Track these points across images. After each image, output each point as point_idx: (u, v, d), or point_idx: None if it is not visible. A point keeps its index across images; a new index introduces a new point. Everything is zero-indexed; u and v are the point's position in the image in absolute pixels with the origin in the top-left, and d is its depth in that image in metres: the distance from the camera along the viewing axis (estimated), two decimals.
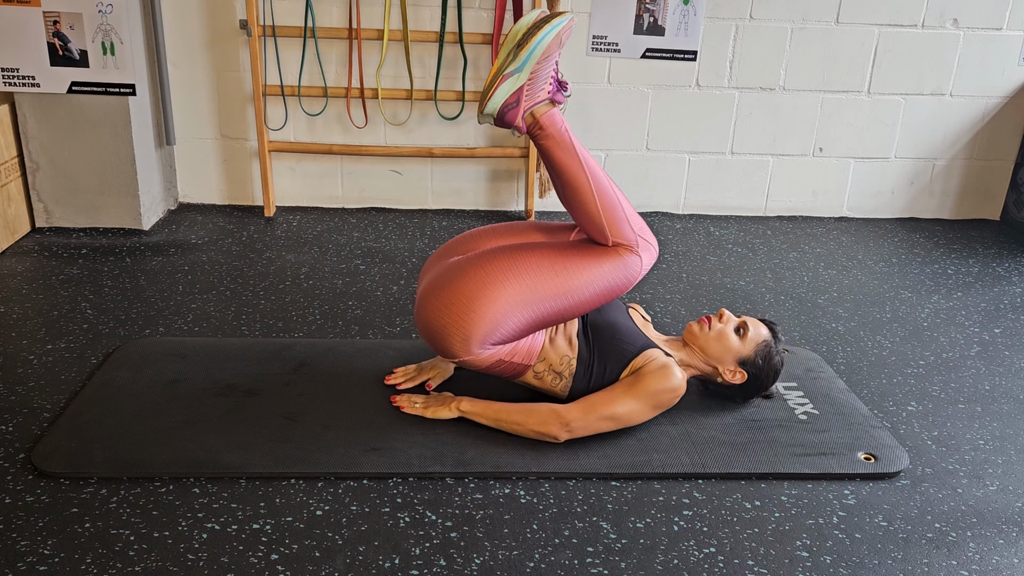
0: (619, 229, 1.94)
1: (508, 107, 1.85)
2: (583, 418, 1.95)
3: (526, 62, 1.82)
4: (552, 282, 1.90)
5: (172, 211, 3.45)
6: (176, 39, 3.27)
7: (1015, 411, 2.28)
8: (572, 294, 1.92)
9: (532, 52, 1.81)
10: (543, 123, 1.89)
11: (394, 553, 1.65)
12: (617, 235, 1.94)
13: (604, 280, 1.93)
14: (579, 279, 1.92)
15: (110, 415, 2.01)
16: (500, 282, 1.88)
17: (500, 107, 1.85)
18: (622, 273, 1.95)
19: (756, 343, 2.09)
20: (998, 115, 3.65)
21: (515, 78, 1.83)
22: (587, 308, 1.96)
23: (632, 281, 1.98)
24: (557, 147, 1.90)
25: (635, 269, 1.97)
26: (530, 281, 1.89)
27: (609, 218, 1.93)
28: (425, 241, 3.25)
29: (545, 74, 1.87)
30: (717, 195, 3.70)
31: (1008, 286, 3.11)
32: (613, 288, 1.96)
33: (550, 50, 1.83)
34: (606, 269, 1.93)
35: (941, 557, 1.72)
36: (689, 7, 3.36)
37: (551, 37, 1.82)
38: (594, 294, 1.94)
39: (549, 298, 1.90)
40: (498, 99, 1.84)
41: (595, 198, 1.91)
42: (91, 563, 1.59)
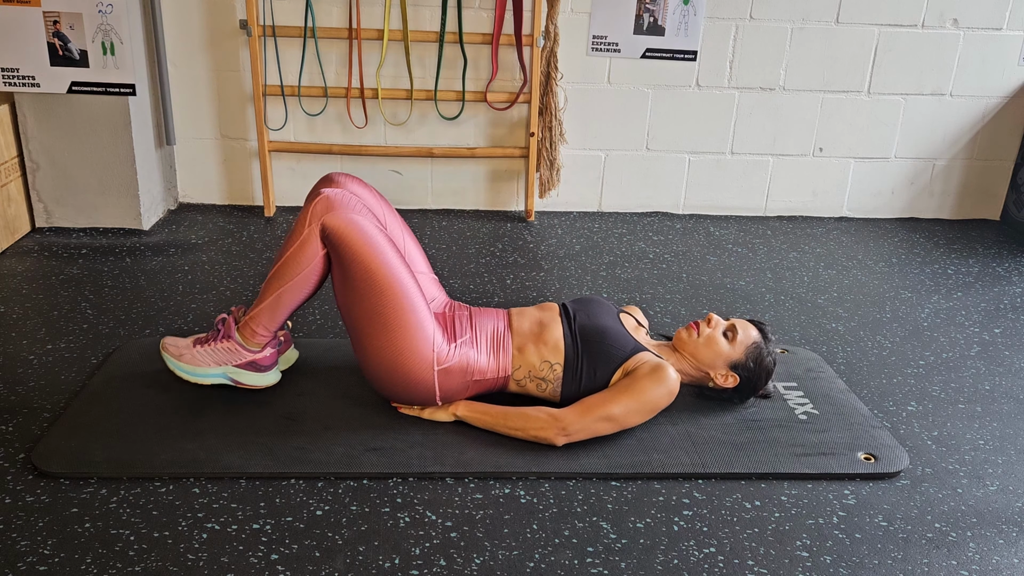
0: (420, 359, 1.96)
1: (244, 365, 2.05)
2: (580, 421, 1.95)
3: (192, 374, 2.06)
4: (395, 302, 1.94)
5: (172, 211, 3.45)
6: (176, 39, 3.27)
7: (1015, 411, 2.28)
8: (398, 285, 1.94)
9: (184, 372, 2.06)
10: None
11: (394, 553, 1.65)
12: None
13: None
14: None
15: (110, 415, 2.01)
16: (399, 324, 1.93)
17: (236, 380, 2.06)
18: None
19: (746, 346, 2.09)
20: (998, 115, 3.65)
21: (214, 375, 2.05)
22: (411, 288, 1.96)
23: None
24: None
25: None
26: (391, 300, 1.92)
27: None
28: (425, 241, 3.25)
29: (220, 357, 2.05)
30: (717, 195, 3.70)
31: (1008, 286, 3.11)
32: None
33: (195, 361, 2.05)
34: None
35: (941, 557, 1.72)
36: (689, 7, 3.36)
37: (171, 366, 2.07)
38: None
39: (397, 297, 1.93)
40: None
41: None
42: (91, 563, 1.59)
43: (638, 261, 3.17)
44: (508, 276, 2.97)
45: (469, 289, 2.85)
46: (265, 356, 2.05)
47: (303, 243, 1.95)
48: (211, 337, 2.05)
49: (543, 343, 2.03)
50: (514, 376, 2.03)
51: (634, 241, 3.37)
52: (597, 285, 2.94)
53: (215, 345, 2.04)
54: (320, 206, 1.94)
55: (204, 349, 2.04)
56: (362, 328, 1.94)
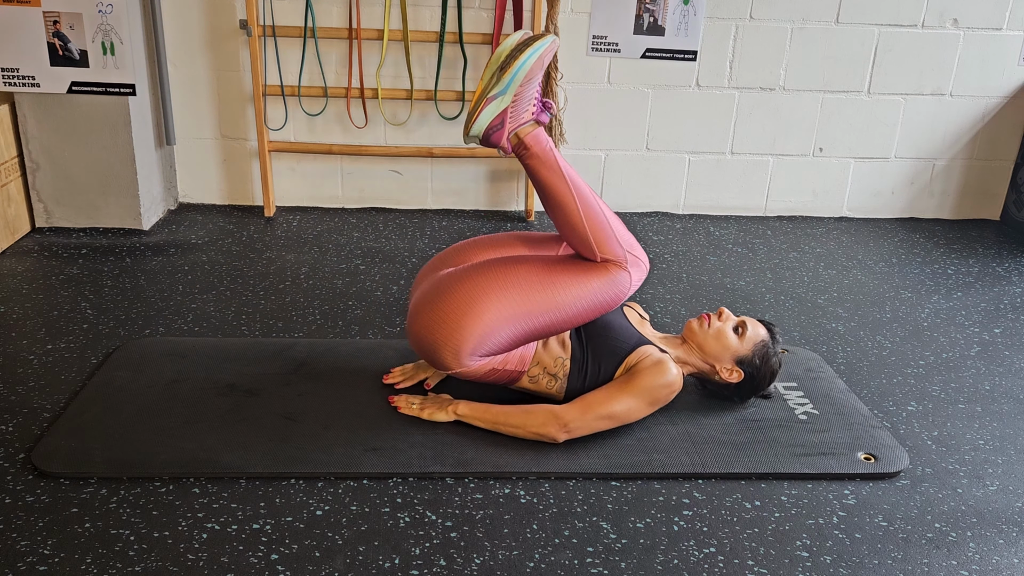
0: (607, 246, 1.95)
1: (493, 129, 1.88)
2: (581, 418, 1.95)
3: (509, 84, 1.84)
4: (541, 296, 1.92)
5: (172, 211, 3.45)
6: (176, 39, 3.27)
7: (1015, 411, 2.28)
8: (560, 309, 1.93)
9: (515, 74, 1.84)
10: (528, 143, 1.91)
11: (394, 553, 1.65)
12: (605, 251, 1.95)
13: (592, 296, 1.95)
14: (568, 294, 1.93)
15: (110, 415, 2.01)
16: (489, 297, 1.90)
17: (485, 129, 1.88)
18: (611, 289, 1.96)
19: (754, 343, 2.09)
20: (998, 115, 3.65)
21: (499, 100, 1.86)
22: (575, 323, 1.97)
23: (621, 297, 1.99)
24: (542, 166, 1.92)
25: (624, 285, 1.98)
26: (519, 296, 1.91)
27: (597, 235, 1.94)
28: (425, 241, 3.25)
29: (529, 95, 1.90)
30: (717, 195, 3.70)
31: (1008, 286, 3.11)
32: (602, 304, 1.97)
33: (533, 72, 1.86)
34: (594, 285, 1.94)
35: (941, 557, 1.72)
36: (689, 7, 3.36)
37: (534, 59, 1.84)
38: (582, 309, 1.95)
39: (538, 313, 1.92)
40: (483, 121, 1.87)
41: (582, 216, 1.93)
42: (91, 563, 1.59)
43: None
44: None
45: None
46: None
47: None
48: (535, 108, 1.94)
49: (558, 339, 2.05)
50: (529, 372, 2.03)
51: None
52: None
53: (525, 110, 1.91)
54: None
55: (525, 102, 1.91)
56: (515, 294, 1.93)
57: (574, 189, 1.93)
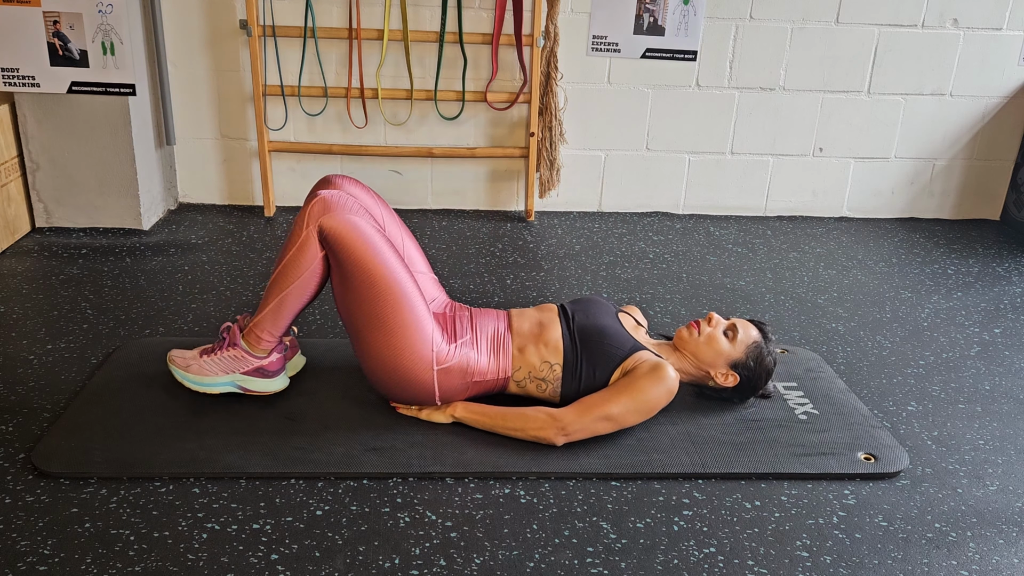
0: (419, 362, 1.96)
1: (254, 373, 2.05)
2: (579, 420, 1.95)
3: (201, 384, 2.06)
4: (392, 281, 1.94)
5: (172, 211, 3.45)
6: (176, 39, 3.27)
7: (1015, 411, 2.28)
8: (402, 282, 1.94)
9: (188, 381, 2.06)
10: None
11: (394, 553, 1.65)
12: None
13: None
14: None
15: (110, 415, 2.01)
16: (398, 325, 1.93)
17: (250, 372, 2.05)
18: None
19: (746, 345, 2.09)
20: (998, 115, 3.65)
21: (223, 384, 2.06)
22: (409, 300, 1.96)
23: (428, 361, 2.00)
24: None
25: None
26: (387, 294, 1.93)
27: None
28: (425, 241, 3.25)
29: (221, 363, 2.05)
30: (717, 195, 3.70)
31: (1008, 286, 3.11)
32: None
33: (203, 371, 2.05)
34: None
35: (941, 557, 1.72)
36: (689, 7, 3.36)
37: (179, 378, 2.07)
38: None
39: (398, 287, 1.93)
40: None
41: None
42: (91, 563, 1.59)
43: (638, 261, 3.17)
44: (508, 276, 2.97)
45: (469, 289, 2.85)
46: (272, 362, 2.05)
47: (302, 246, 1.95)
48: (217, 346, 2.05)
49: (543, 344, 2.03)
50: (514, 377, 2.03)
51: (634, 241, 3.37)
52: (597, 285, 2.94)
53: (221, 354, 2.03)
54: (317, 208, 1.93)
55: (211, 358, 2.04)
56: (361, 328, 1.94)
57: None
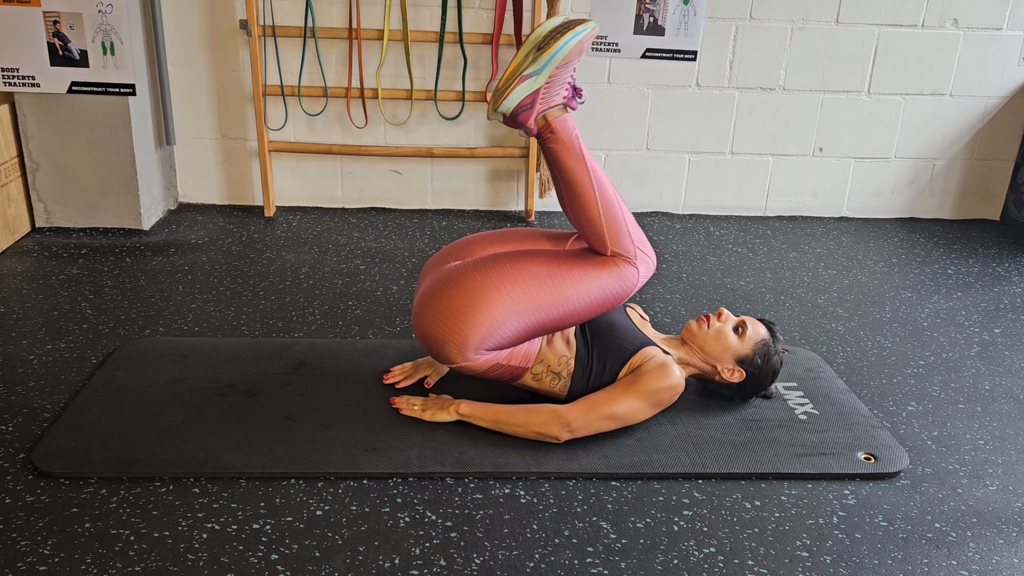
0: (619, 240, 1.94)
1: (522, 108, 1.85)
2: (584, 418, 1.95)
3: (546, 65, 1.82)
4: (548, 291, 1.91)
5: (172, 211, 3.45)
6: (176, 39, 3.27)
7: (1015, 411, 2.28)
8: (568, 303, 1.92)
9: (553, 56, 1.81)
10: (555, 127, 1.89)
11: (394, 553, 1.65)
12: (617, 245, 1.94)
13: (600, 290, 1.94)
14: (575, 288, 1.92)
15: (110, 415, 2.01)
16: (496, 290, 1.89)
17: (515, 107, 1.85)
18: (618, 284, 1.96)
19: (755, 342, 2.09)
20: (998, 115, 3.65)
21: (533, 80, 1.83)
22: (583, 317, 1.97)
23: (628, 293, 1.99)
24: (566, 152, 1.90)
25: (632, 281, 1.97)
26: (527, 290, 1.90)
27: (611, 228, 1.93)
28: (425, 241, 3.25)
29: (563, 79, 1.88)
30: (717, 195, 3.70)
31: (1008, 286, 3.11)
32: (609, 298, 1.96)
33: (571, 56, 1.83)
34: (603, 280, 1.94)
35: (941, 557, 1.72)
36: (689, 7, 3.36)
37: (574, 43, 1.82)
38: (590, 303, 1.95)
39: (545, 307, 1.91)
40: (514, 99, 1.84)
41: (599, 207, 1.92)
42: (91, 563, 1.59)
43: None
44: None
45: None
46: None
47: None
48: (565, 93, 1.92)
49: (562, 338, 2.04)
50: (533, 369, 2.02)
51: None
52: None
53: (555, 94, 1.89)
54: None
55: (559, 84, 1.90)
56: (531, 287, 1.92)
57: (595, 179, 1.92)
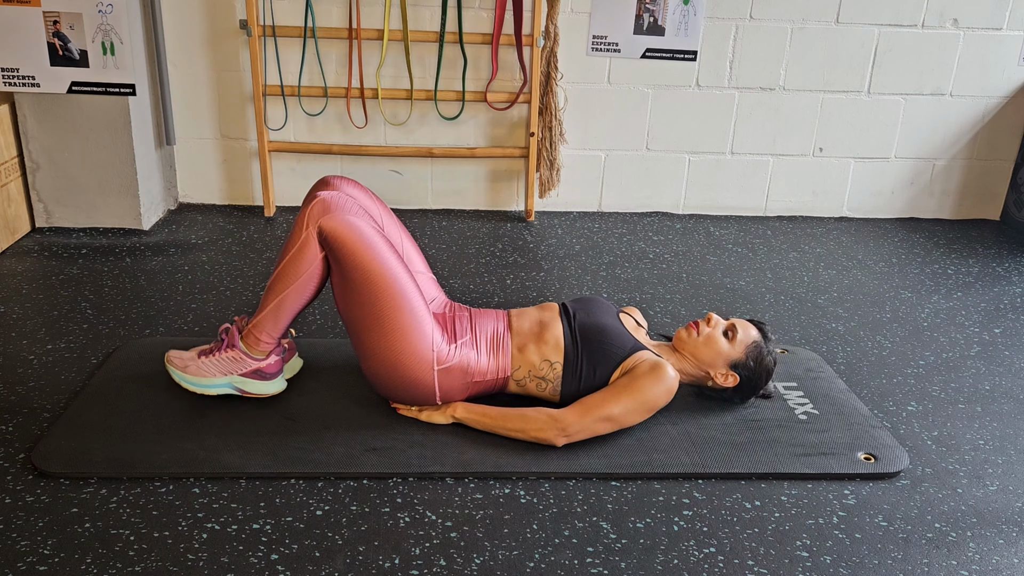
0: (420, 359, 1.97)
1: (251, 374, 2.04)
2: (579, 421, 1.94)
3: (197, 385, 2.04)
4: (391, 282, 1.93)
5: (172, 211, 3.45)
6: (176, 39, 3.27)
7: (1015, 411, 2.28)
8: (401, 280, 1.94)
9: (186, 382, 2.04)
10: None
11: (394, 553, 1.65)
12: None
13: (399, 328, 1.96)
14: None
15: (110, 415, 2.01)
16: (396, 324, 1.93)
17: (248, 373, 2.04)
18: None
19: (746, 344, 2.09)
20: (998, 115, 3.65)
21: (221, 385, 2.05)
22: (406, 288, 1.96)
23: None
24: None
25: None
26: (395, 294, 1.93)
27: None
28: (425, 241, 3.25)
29: (219, 364, 2.04)
30: (717, 195, 3.70)
31: (1008, 286, 3.11)
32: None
33: (200, 372, 2.04)
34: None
35: (941, 557, 1.72)
36: (689, 7, 3.36)
37: (176, 379, 2.06)
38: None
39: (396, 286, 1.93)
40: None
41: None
42: (91, 563, 1.59)
43: (638, 261, 3.17)
44: (508, 276, 2.97)
45: (469, 289, 2.85)
46: (270, 364, 2.05)
47: (301, 247, 1.95)
48: (215, 347, 2.05)
49: (543, 342, 2.03)
50: (514, 376, 2.03)
51: (634, 241, 3.37)
52: (597, 285, 2.94)
53: (219, 355, 2.03)
54: (316, 209, 1.94)
55: (209, 360, 2.04)
56: (361, 329, 1.94)
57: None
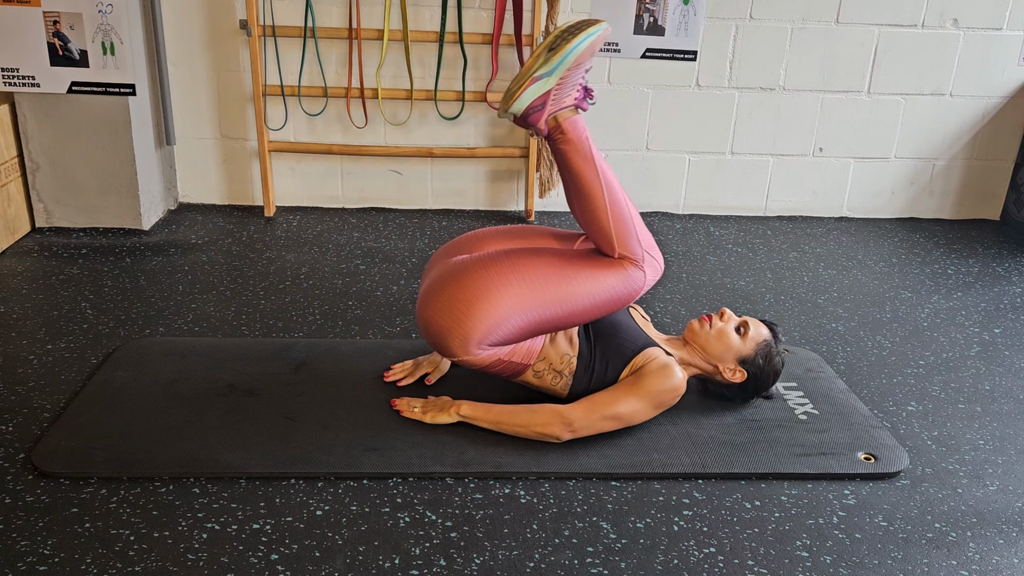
0: (627, 242, 1.94)
1: (533, 109, 1.86)
2: (585, 418, 1.95)
3: (557, 67, 1.82)
4: (554, 290, 1.91)
5: (172, 211, 3.45)
6: (176, 39, 3.27)
7: (1015, 411, 2.28)
8: (573, 302, 1.92)
9: (565, 58, 1.81)
10: (565, 128, 1.89)
11: (394, 553, 1.65)
12: (624, 248, 1.94)
13: (606, 292, 1.94)
14: (581, 288, 1.92)
15: (110, 415, 2.01)
16: (502, 286, 1.89)
17: (526, 108, 1.85)
18: (625, 286, 1.96)
19: (757, 342, 2.09)
20: (998, 115, 3.65)
21: (544, 81, 1.83)
22: (587, 318, 1.97)
23: (634, 295, 1.99)
24: (576, 154, 1.90)
25: (638, 284, 1.98)
26: (532, 287, 1.90)
27: (619, 230, 1.93)
28: (425, 241, 3.25)
29: (574, 81, 1.88)
30: (717, 195, 3.70)
31: (1008, 286, 3.11)
32: (614, 300, 1.96)
33: (583, 58, 1.84)
34: (610, 281, 1.94)
35: (941, 557, 1.72)
36: (689, 7, 3.36)
37: (585, 45, 1.82)
38: (595, 304, 1.95)
39: (550, 305, 1.91)
40: (524, 100, 1.84)
41: (607, 209, 1.92)
42: (91, 563, 1.59)
43: None
44: None
45: None
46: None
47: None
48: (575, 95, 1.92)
49: (566, 336, 2.04)
50: (535, 366, 2.02)
51: None
52: None
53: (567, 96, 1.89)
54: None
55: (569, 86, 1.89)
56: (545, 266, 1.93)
57: (604, 181, 1.92)
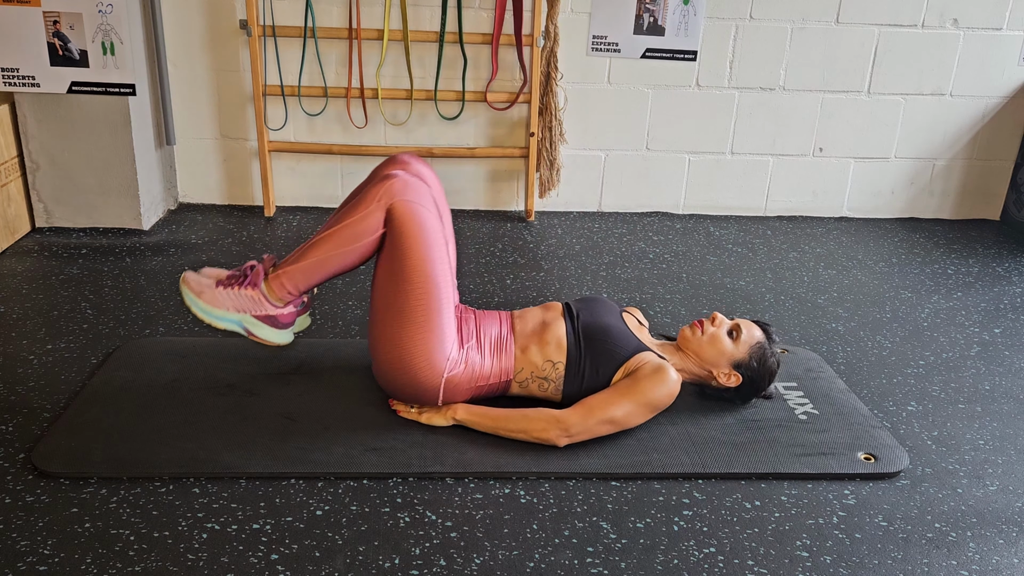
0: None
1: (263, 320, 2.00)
2: (582, 422, 1.94)
3: (214, 317, 1.98)
4: (420, 280, 1.93)
5: (172, 211, 3.45)
6: (176, 39, 3.27)
7: (1015, 411, 2.28)
8: (431, 279, 1.93)
9: (208, 314, 1.97)
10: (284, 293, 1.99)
11: (394, 553, 1.65)
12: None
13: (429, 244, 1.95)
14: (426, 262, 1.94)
15: (110, 415, 2.01)
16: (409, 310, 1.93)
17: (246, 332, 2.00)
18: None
19: (750, 345, 2.09)
20: (998, 115, 3.65)
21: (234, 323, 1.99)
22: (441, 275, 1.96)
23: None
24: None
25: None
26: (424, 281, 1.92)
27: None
28: None
29: (240, 304, 1.98)
30: (717, 195, 3.70)
31: (1008, 286, 3.11)
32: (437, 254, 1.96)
33: (218, 303, 1.97)
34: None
35: (941, 557, 1.72)
36: (689, 7, 3.36)
37: (188, 301, 1.98)
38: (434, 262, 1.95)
39: (427, 287, 1.92)
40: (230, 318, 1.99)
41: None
42: (91, 563, 1.59)
43: (638, 261, 3.17)
44: (508, 276, 2.97)
45: (469, 289, 2.85)
46: (285, 313, 2.01)
47: (366, 216, 1.92)
48: (235, 280, 1.99)
49: (546, 343, 2.03)
50: (516, 379, 2.03)
51: (634, 241, 3.37)
52: (597, 285, 2.94)
53: (238, 290, 1.97)
54: (396, 186, 1.91)
55: (226, 292, 1.97)
56: (387, 317, 1.93)
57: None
